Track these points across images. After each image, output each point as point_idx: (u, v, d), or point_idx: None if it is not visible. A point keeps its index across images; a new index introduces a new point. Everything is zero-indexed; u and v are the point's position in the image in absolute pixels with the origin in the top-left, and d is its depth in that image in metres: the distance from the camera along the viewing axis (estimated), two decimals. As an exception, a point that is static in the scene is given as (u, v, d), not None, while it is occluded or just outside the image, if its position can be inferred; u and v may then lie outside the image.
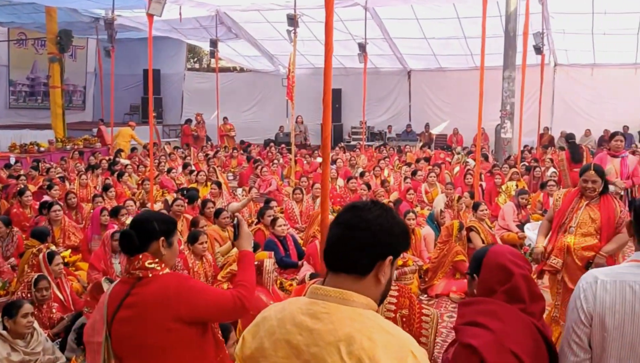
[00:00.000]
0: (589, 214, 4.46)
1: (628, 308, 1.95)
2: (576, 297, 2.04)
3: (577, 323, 2.02)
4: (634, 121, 17.84)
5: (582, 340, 2.02)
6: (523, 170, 12.08)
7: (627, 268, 2.02)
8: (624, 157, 7.14)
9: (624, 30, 16.01)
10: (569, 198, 4.63)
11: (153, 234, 2.49)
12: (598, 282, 2.00)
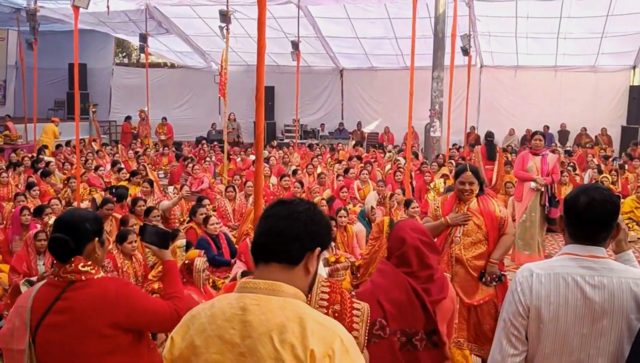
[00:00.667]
0: (472, 220, 4.23)
1: (562, 300, 2.04)
2: (513, 291, 2.13)
3: (516, 316, 2.11)
4: (554, 121, 18.72)
5: (521, 333, 2.11)
6: (453, 168, 12.44)
7: (560, 261, 2.12)
8: (544, 155, 7.48)
9: (545, 34, 16.77)
10: (448, 205, 4.36)
11: (86, 235, 2.39)
12: (534, 275, 2.09)
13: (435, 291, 2.68)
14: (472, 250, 4.21)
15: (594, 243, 2.09)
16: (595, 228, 2.09)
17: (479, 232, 4.21)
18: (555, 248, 8.73)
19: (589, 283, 2.03)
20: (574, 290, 2.04)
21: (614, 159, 14.94)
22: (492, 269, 4.18)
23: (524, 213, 7.53)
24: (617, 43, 17.06)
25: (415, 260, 2.67)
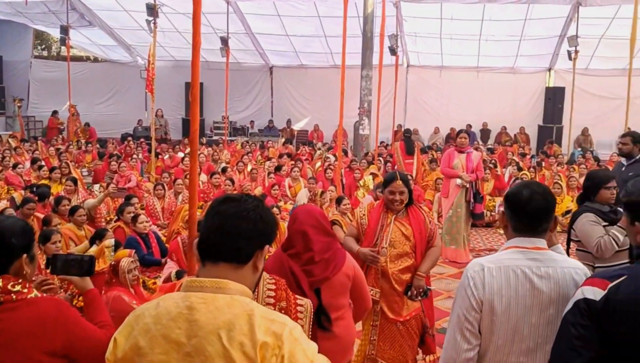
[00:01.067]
0: (400, 231, 3.96)
1: (513, 292, 2.15)
2: (465, 286, 2.20)
3: (469, 311, 2.18)
4: (476, 120, 19.41)
5: (474, 327, 2.18)
6: (381, 165, 12.68)
7: (508, 254, 2.23)
8: (468, 153, 7.78)
9: (468, 35, 17.38)
10: (375, 214, 4.06)
11: (13, 253, 2.13)
12: (485, 269, 2.18)
13: (318, 271, 2.81)
14: (398, 263, 3.94)
15: (537, 235, 2.22)
16: (538, 220, 2.22)
17: (406, 244, 3.94)
18: (479, 242, 9.08)
19: (536, 274, 2.15)
20: (523, 282, 2.15)
21: (532, 157, 15.70)
22: (419, 282, 3.92)
23: (450, 208, 7.79)
24: (534, 46, 17.91)
25: (300, 243, 2.84)
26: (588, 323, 1.92)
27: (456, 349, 2.20)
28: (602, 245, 3.72)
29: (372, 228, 4.02)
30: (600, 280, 1.96)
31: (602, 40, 16.54)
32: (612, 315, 1.88)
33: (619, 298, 1.88)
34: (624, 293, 1.88)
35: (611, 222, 3.83)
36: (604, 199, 3.95)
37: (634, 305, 1.86)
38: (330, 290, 2.87)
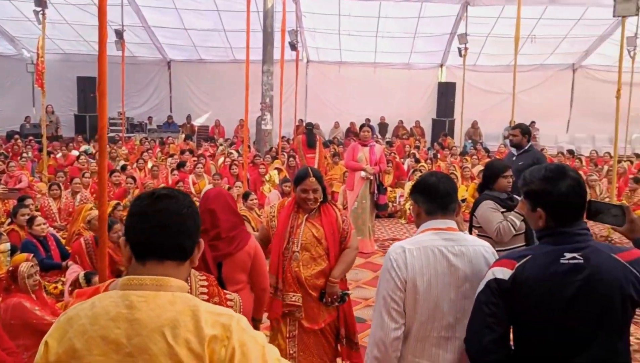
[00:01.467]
0: (311, 232, 3.67)
1: (432, 270, 2.30)
2: (389, 268, 2.32)
3: (395, 291, 2.30)
4: (374, 114, 19.96)
5: (400, 306, 2.31)
6: (285, 159, 12.75)
7: (426, 236, 2.39)
8: (371, 146, 8.02)
9: (365, 32, 17.84)
10: (284, 215, 3.75)
11: None
12: (406, 251, 2.32)
13: (222, 246, 3.15)
14: (311, 267, 3.66)
15: (448, 215, 2.42)
16: (448, 199, 2.43)
17: (319, 246, 3.66)
18: (383, 233, 9.39)
19: (451, 253, 2.33)
20: (441, 260, 2.32)
21: (428, 149, 16.41)
22: (333, 289, 3.67)
23: (356, 200, 8.00)
24: (427, 43, 18.70)
25: (209, 220, 3.12)
26: (499, 301, 2.08)
27: (384, 329, 2.31)
28: (502, 229, 4.01)
29: (281, 231, 3.70)
30: (508, 260, 2.13)
31: (489, 39, 17.54)
32: (519, 292, 2.06)
33: (525, 276, 2.06)
34: (529, 272, 2.06)
35: (508, 208, 4.13)
36: (501, 188, 4.23)
37: (537, 281, 2.04)
38: (231, 265, 3.19)
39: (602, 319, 2.01)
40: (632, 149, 17.35)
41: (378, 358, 2.35)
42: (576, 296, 2.01)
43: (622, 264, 2.04)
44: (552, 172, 2.14)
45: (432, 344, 2.33)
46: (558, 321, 2.03)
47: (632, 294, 2.01)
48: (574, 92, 20.41)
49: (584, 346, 2.02)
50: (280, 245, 3.70)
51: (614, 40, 15.53)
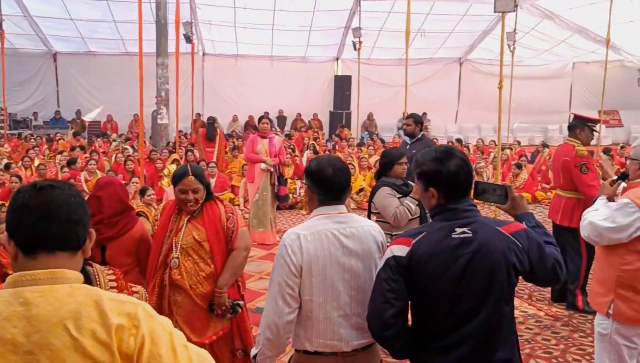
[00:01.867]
0: (192, 235, 3.31)
1: (327, 253, 2.40)
2: (284, 254, 2.39)
3: (290, 276, 2.38)
4: (273, 107, 19.99)
5: (295, 291, 2.39)
6: (182, 154, 12.50)
7: (317, 220, 2.46)
8: (270, 138, 8.07)
9: (262, 25, 17.80)
10: (164, 217, 3.45)
11: None
12: (300, 237, 2.40)
13: (105, 230, 3.32)
14: (195, 274, 3.30)
15: (339, 202, 2.52)
16: (342, 192, 2.52)
17: (201, 249, 3.30)
18: (285, 224, 9.48)
19: (343, 234, 2.43)
20: (334, 242, 2.41)
21: (327, 141, 16.69)
22: (220, 299, 3.30)
23: (257, 192, 8.01)
24: (323, 36, 18.98)
25: (95, 205, 3.30)
26: (398, 277, 2.22)
27: (278, 313, 2.39)
28: (398, 214, 4.20)
29: (159, 235, 3.40)
30: (405, 238, 2.28)
31: (382, 33, 18.09)
32: (416, 267, 2.20)
33: (420, 252, 2.21)
34: (424, 247, 2.21)
35: (404, 194, 4.33)
36: (397, 174, 4.41)
37: (432, 256, 2.19)
38: (115, 248, 3.37)
39: (490, 286, 2.18)
40: (514, 137, 18.57)
41: (270, 339, 2.43)
42: (466, 267, 2.17)
43: (505, 236, 2.22)
44: (442, 153, 2.30)
45: (334, 324, 2.42)
46: (452, 291, 2.18)
47: (515, 262, 2.21)
48: (461, 85, 21.56)
49: (475, 312, 2.19)
50: (157, 250, 3.37)
51: (496, 35, 16.50)
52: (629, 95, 19.55)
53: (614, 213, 3.19)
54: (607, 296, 3.29)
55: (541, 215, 9.29)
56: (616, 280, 3.24)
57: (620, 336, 3.27)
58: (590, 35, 16.51)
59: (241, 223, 3.41)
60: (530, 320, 5.41)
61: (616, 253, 3.24)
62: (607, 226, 3.19)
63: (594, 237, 3.29)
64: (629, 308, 3.20)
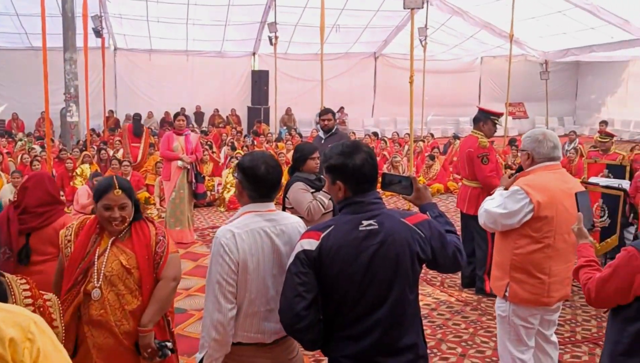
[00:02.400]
0: (119, 260, 2.80)
1: (260, 250, 2.44)
2: (221, 253, 2.40)
3: (229, 274, 2.39)
4: (189, 103, 19.68)
5: (234, 287, 2.41)
6: (94, 152, 12.08)
7: (249, 218, 2.49)
8: (187, 135, 7.95)
9: (176, 19, 17.44)
10: (82, 239, 2.86)
11: None
12: (235, 235, 2.41)
13: (29, 220, 3.47)
14: (120, 308, 2.80)
15: (269, 200, 2.56)
16: (273, 190, 2.56)
17: (129, 278, 2.80)
18: (202, 222, 9.37)
19: (273, 232, 2.49)
20: (266, 240, 2.47)
21: (245, 136, 16.60)
22: (145, 340, 2.81)
23: (173, 190, 7.88)
24: (239, 31, 18.83)
25: (21, 195, 3.54)
26: (308, 271, 2.28)
27: (222, 311, 2.41)
28: (312, 209, 4.26)
29: (76, 261, 2.82)
30: (314, 232, 2.34)
31: (298, 28, 18.17)
32: (325, 259, 2.27)
33: (329, 245, 2.28)
34: (333, 240, 2.28)
35: (317, 189, 4.39)
36: (310, 169, 4.47)
37: (340, 248, 2.27)
38: (38, 237, 3.48)
39: (396, 275, 2.29)
40: (428, 129, 19.19)
41: (217, 339, 2.42)
42: (373, 258, 2.26)
43: (409, 226, 2.33)
44: (348, 147, 2.38)
45: (260, 318, 2.48)
46: (360, 281, 2.27)
47: (418, 252, 2.32)
48: (377, 79, 22.00)
49: (382, 300, 2.29)
50: (71, 279, 2.79)
51: (408, 30, 16.92)
52: (533, 88, 20.63)
53: (505, 200, 3.40)
54: (503, 279, 3.50)
55: (453, 205, 9.67)
56: (510, 263, 3.45)
57: (517, 317, 3.48)
58: (496, 30, 17.29)
59: (172, 248, 2.95)
60: (442, 306, 5.65)
61: (509, 238, 3.45)
62: (500, 212, 3.40)
63: (489, 224, 3.50)
64: (523, 290, 3.42)
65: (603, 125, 13.04)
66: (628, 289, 2.38)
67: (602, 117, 15.78)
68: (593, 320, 5.28)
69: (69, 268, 2.83)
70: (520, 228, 3.38)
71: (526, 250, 3.39)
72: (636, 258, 2.36)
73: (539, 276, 3.38)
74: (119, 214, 2.81)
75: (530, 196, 3.30)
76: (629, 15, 13.76)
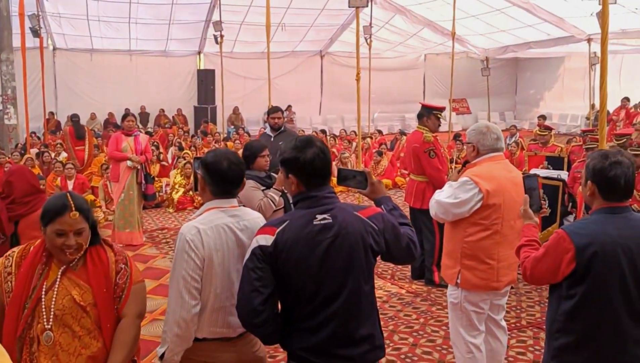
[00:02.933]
0: (71, 295, 2.33)
1: (225, 245, 2.48)
2: (187, 249, 2.42)
3: (195, 270, 2.42)
4: (134, 103, 19.28)
5: (199, 283, 2.44)
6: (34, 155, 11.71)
7: (213, 214, 2.53)
8: (136, 135, 7.84)
9: (118, 18, 17.06)
10: (26, 270, 2.36)
11: None
12: (200, 231, 2.44)
13: (17, 208, 3.85)
14: (75, 353, 2.33)
15: (232, 196, 2.61)
16: (234, 186, 2.61)
17: (85, 317, 2.34)
18: (151, 223, 9.25)
19: (237, 228, 2.54)
20: (231, 235, 2.51)
21: (192, 136, 16.41)
22: None
23: (122, 192, 7.74)
24: (184, 30, 18.57)
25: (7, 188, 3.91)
26: (264, 266, 2.32)
27: (185, 307, 2.42)
28: (263, 206, 4.30)
29: (19, 297, 2.32)
30: (269, 227, 2.39)
31: (243, 26, 18.06)
32: (281, 254, 2.32)
33: (285, 240, 2.32)
34: (288, 235, 2.33)
35: (268, 186, 4.43)
36: (260, 167, 4.50)
37: (295, 243, 2.32)
38: (26, 223, 3.82)
39: (351, 267, 2.35)
40: (375, 126, 19.43)
41: (179, 335, 2.44)
42: (328, 251, 2.32)
43: (362, 219, 2.41)
44: (301, 142, 2.44)
45: (226, 312, 2.51)
46: (316, 274, 2.32)
47: (372, 244, 2.39)
48: (323, 77, 22.12)
49: (338, 292, 2.34)
50: (14, 318, 2.31)
51: (353, 29, 17.08)
52: (475, 84, 21.18)
53: (455, 191, 3.55)
54: (454, 267, 3.64)
55: (401, 199, 9.86)
56: (461, 251, 3.60)
57: (469, 303, 3.63)
58: (438, 28, 17.65)
59: (135, 277, 2.49)
60: (393, 298, 5.78)
61: (460, 226, 3.60)
62: (451, 202, 3.55)
63: (440, 214, 3.64)
64: (474, 276, 3.56)
65: (542, 119, 13.55)
66: (557, 269, 2.52)
67: (541, 112, 16.41)
68: (537, 306, 5.51)
69: (11, 308, 2.31)
70: (470, 217, 3.53)
71: (476, 237, 3.54)
72: (564, 240, 2.50)
73: (489, 262, 3.54)
74: (75, 241, 2.33)
75: (479, 185, 3.45)
76: (563, 13, 14.31)
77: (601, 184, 2.53)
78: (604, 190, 2.54)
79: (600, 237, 2.47)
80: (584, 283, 2.48)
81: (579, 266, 2.47)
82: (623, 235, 2.48)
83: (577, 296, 2.50)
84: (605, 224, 2.51)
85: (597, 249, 2.45)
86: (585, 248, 2.46)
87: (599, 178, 2.53)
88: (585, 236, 2.48)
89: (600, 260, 2.45)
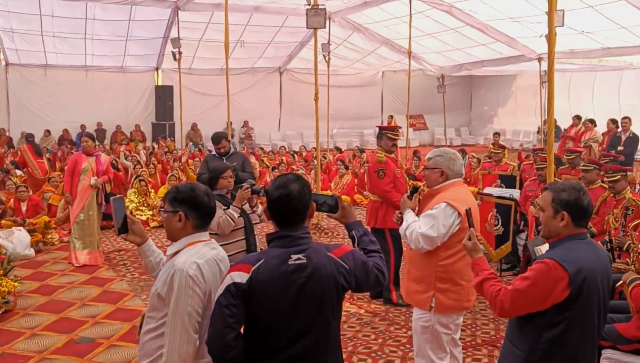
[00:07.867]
0: None
1: (216, 278, 2.54)
2: (191, 285, 2.45)
3: (199, 304, 2.46)
4: (90, 120, 19.07)
5: (201, 317, 2.48)
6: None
7: (200, 248, 2.58)
8: (97, 155, 7.75)
9: (73, 34, 16.83)
10: None
11: None
12: (200, 266, 2.50)
13: None
14: None
15: (206, 229, 2.68)
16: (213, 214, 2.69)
17: None
18: (108, 245, 9.05)
19: (220, 260, 2.63)
20: (216, 268, 2.59)
21: (150, 154, 16.20)
22: None
23: (81, 211, 7.61)
24: (141, 46, 18.44)
25: None
26: (238, 302, 2.34)
27: (191, 342, 2.46)
28: (222, 222, 4.52)
29: None
30: (244, 264, 2.41)
31: (202, 43, 18.05)
32: (255, 292, 2.35)
33: (259, 278, 2.36)
34: (263, 274, 2.36)
35: (228, 205, 4.65)
36: (223, 186, 4.76)
37: (270, 282, 2.35)
38: None
39: (321, 306, 2.42)
40: (334, 142, 19.60)
41: None
42: (301, 290, 2.37)
43: (334, 260, 2.47)
44: (279, 181, 2.50)
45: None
46: (288, 312, 2.37)
47: (343, 283, 2.47)
48: (282, 93, 22.25)
49: (308, 330, 2.40)
50: None
51: (312, 46, 17.25)
52: (431, 100, 21.65)
53: (436, 220, 3.56)
54: (427, 292, 3.68)
55: (360, 217, 9.96)
56: (435, 275, 3.64)
57: (440, 325, 3.69)
58: (395, 46, 18.00)
59: None
60: (352, 318, 5.82)
61: (434, 252, 3.63)
62: (437, 234, 3.56)
63: (427, 246, 3.60)
64: (448, 298, 3.63)
65: (497, 136, 13.93)
66: (547, 298, 2.57)
67: (495, 128, 16.85)
68: (491, 324, 5.65)
69: None
70: (447, 241, 3.59)
71: (451, 260, 3.61)
72: (556, 269, 2.56)
73: (461, 283, 3.63)
74: None
75: (458, 209, 3.53)
76: (515, 34, 14.81)
77: (575, 213, 2.65)
78: (578, 218, 2.67)
79: (585, 263, 2.59)
80: (572, 308, 2.58)
81: (572, 292, 2.56)
82: (594, 259, 2.63)
83: (565, 322, 2.59)
84: (582, 250, 2.64)
85: (586, 275, 2.57)
86: (577, 274, 2.55)
87: (575, 209, 2.65)
88: (574, 263, 2.57)
89: (587, 285, 2.57)
